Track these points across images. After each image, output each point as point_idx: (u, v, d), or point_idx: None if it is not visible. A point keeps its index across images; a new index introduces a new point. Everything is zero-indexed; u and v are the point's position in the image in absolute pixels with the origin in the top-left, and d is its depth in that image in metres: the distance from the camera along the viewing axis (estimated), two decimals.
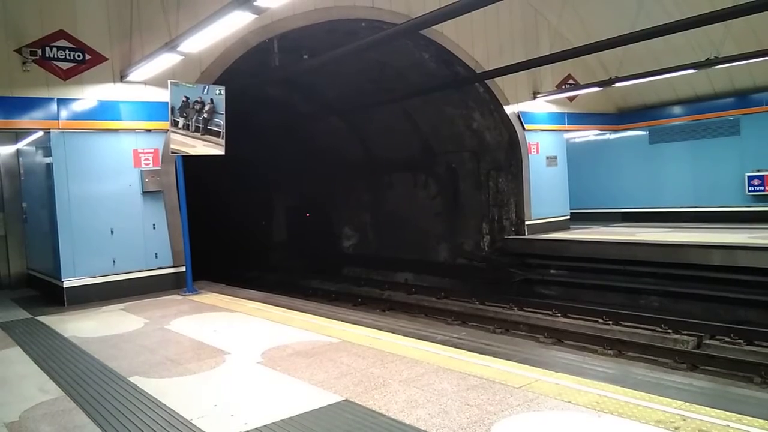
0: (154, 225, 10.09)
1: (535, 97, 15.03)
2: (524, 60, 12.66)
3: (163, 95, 9.57)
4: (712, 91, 15.02)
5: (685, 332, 9.62)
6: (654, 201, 16.50)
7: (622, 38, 10.15)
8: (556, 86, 15.40)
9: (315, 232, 20.49)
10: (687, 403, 4.05)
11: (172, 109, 9.16)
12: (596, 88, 14.45)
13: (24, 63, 8.84)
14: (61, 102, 9.21)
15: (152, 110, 9.95)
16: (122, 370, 5.62)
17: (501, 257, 15.02)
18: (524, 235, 14.80)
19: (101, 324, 7.89)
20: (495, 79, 13.71)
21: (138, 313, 8.37)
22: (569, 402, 4.21)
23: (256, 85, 13.89)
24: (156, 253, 10.10)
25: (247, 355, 5.91)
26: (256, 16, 6.81)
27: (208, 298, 9.49)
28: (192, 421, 4.23)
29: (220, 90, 9.61)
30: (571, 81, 15.67)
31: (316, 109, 17.58)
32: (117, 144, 9.77)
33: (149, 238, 10.03)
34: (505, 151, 15.08)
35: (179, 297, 9.60)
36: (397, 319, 10.47)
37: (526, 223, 14.86)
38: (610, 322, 10.56)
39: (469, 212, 15.98)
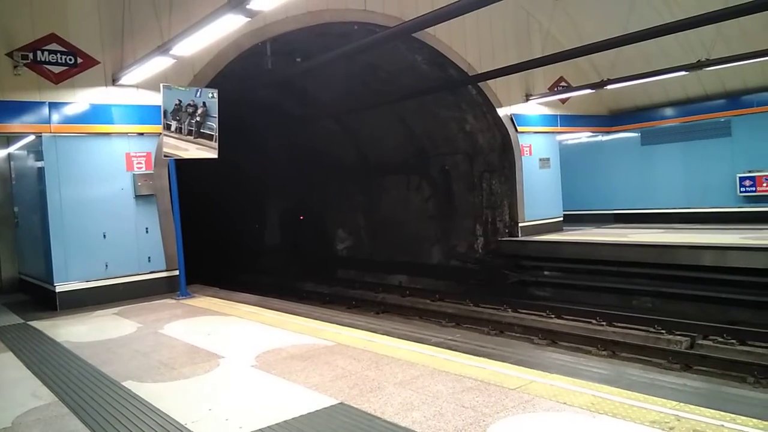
0: (147, 229, 10.05)
1: (527, 100, 15.08)
2: (517, 62, 12.71)
3: (155, 98, 9.54)
4: (703, 93, 15.12)
5: (678, 333, 9.65)
6: (646, 202, 16.58)
7: (613, 40, 10.21)
8: (549, 88, 15.46)
9: (309, 235, 20.46)
10: (681, 403, 4.07)
11: (165, 112, 9.14)
12: (588, 90, 14.54)
13: (15, 67, 8.79)
14: (53, 106, 9.16)
15: (145, 114, 9.91)
16: (116, 374, 5.58)
17: (495, 259, 15.04)
18: (518, 236, 14.83)
19: (94, 328, 7.84)
20: (488, 81, 13.77)
21: (131, 318, 8.33)
22: (564, 403, 4.22)
23: (249, 88, 13.89)
24: (149, 257, 10.06)
25: (241, 359, 5.89)
26: (249, 19, 6.79)
27: (202, 301, 9.45)
28: (186, 426, 4.21)
29: (212, 93, 9.60)
30: (563, 83, 15.74)
31: (310, 112, 17.58)
32: (109, 148, 9.72)
33: (142, 241, 9.99)
34: (498, 153, 15.12)
35: (173, 301, 9.56)
36: (391, 322, 10.50)
37: (520, 224, 14.89)
38: (604, 323, 10.58)
39: (463, 214, 16.01)
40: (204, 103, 9.47)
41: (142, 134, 9.99)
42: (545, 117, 15.70)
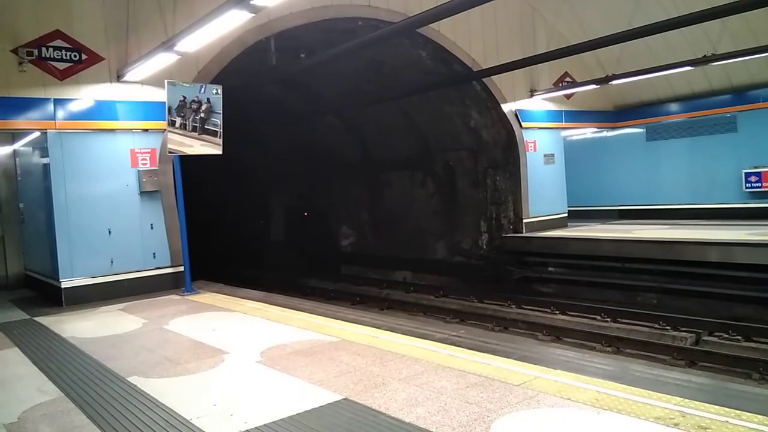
0: (151, 225, 10.07)
1: (532, 95, 15.03)
2: (521, 58, 12.66)
3: (160, 95, 9.54)
4: (709, 88, 15.04)
5: (684, 329, 9.65)
6: (651, 198, 16.52)
7: (619, 36, 10.16)
8: (553, 84, 15.40)
9: (313, 231, 20.48)
10: (686, 400, 4.06)
11: (169, 108, 9.13)
12: (593, 86, 14.47)
13: (20, 63, 8.81)
14: (58, 102, 9.18)
15: (149, 110, 9.93)
16: (121, 370, 5.61)
17: (499, 255, 15.03)
18: (522, 233, 14.81)
19: (100, 324, 7.88)
20: (492, 77, 13.72)
21: (136, 314, 8.36)
22: (568, 399, 4.21)
23: (253, 84, 13.88)
24: (154, 253, 10.08)
25: (246, 355, 5.90)
26: (253, 14, 6.79)
27: (207, 297, 9.48)
28: (191, 421, 4.23)
29: (217, 89, 9.59)
30: (568, 79, 15.68)
31: (314, 108, 17.56)
32: (114, 144, 9.74)
33: (147, 238, 10.01)
34: (503, 149, 15.09)
35: (178, 297, 9.58)
36: (395, 318, 10.48)
37: (524, 221, 14.87)
38: (609, 319, 10.57)
39: (467, 210, 15.99)
40: (208, 99, 9.46)
41: (146, 130, 10.01)
42: (550, 113, 15.65)
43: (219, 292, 10.02)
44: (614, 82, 13.65)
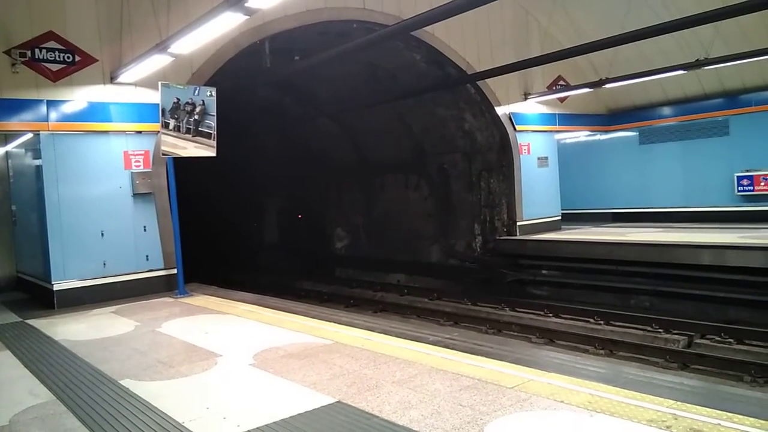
0: (144, 227, 10.04)
1: (526, 98, 15.08)
2: (515, 61, 12.70)
3: (153, 97, 9.53)
4: (701, 92, 15.13)
5: (676, 332, 9.68)
6: (644, 201, 16.59)
7: (612, 39, 10.21)
8: (547, 87, 15.46)
9: (307, 233, 20.46)
10: (678, 402, 4.07)
11: (163, 110, 9.12)
12: (587, 89, 14.54)
13: (13, 64, 8.78)
14: (51, 104, 9.15)
15: (143, 112, 9.90)
16: (113, 373, 5.58)
17: (493, 258, 15.04)
18: (516, 235, 14.84)
19: (92, 327, 7.84)
20: (486, 80, 13.75)
21: (129, 316, 8.32)
22: (562, 402, 4.22)
23: (247, 86, 13.86)
24: (147, 256, 10.05)
25: (239, 358, 5.89)
26: (247, 17, 6.79)
27: (200, 300, 9.45)
28: (184, 424, 4.21)
29: (211, 91, 9.58)
30: (561, 82, 15.74)
31: (308, 110, 17.57)
32: (107, 146, 9.71)
33: (140, 240, 9.98)
34: (497, 152, 15.12)
35: (171, 299, 9.55)
36: (389, 320, 10.48)
37: (518, 223, 14.90)
38: (602, 322, 10.60)
39: (461, 213, 16.01)
40: (202, 101, 9.45)
41: (140, 132, 9.98)
42: (544, 116, 15.70)
43: (212, 294, 9.99)
44: (607, 85, 13.72)
